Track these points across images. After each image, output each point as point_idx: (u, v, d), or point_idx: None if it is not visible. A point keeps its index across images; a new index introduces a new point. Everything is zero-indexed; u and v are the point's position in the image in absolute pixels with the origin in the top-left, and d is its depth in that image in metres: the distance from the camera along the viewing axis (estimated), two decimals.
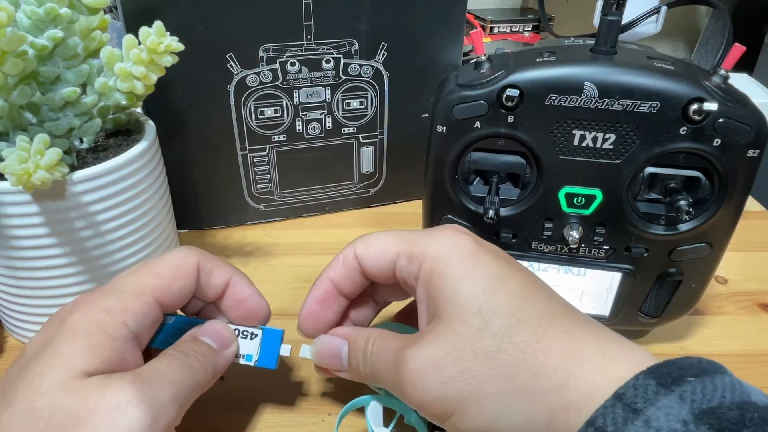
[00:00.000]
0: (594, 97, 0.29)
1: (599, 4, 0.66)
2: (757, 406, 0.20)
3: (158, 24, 0.32)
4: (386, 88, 0.48)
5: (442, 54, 0.49)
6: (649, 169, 0.31)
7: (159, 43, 0.32)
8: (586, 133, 0.30)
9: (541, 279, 0.27)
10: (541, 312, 0.24)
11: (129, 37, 0.33)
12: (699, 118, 0.28)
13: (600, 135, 0.30)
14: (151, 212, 0.37)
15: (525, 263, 0.35)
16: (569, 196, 0.32)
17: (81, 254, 0.34)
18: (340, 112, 0.48)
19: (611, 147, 0.30)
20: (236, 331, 0.30)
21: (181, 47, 0.33)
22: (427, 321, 0.26)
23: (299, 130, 0.48)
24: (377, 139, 0.51)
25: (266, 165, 0.49)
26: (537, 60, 0.30)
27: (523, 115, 0.30)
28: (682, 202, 0.30)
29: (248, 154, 0.48)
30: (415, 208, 0.34)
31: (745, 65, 0.62)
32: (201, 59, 0.43)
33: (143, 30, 0.32)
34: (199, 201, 0.49)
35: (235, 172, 0.48)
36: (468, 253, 0.26)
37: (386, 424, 0.30)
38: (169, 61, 0.33)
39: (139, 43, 0.33)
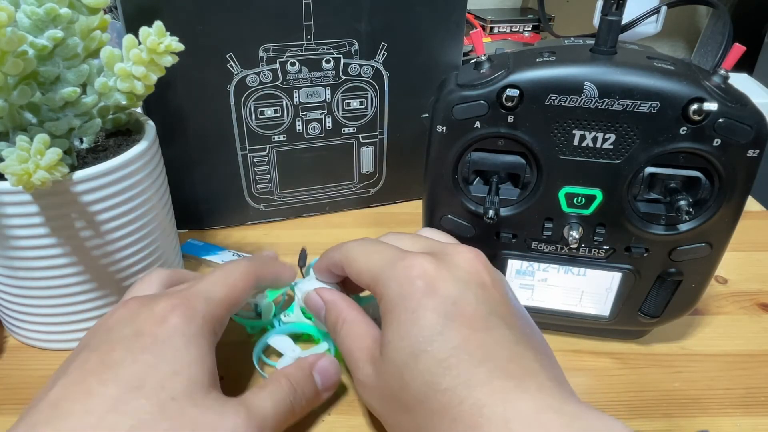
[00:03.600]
0: (594, 97, 0.29)
1: (599, 4, 0.66)
2: None
3: (158, 24, 0.32)
4: (386, 88, 0.48)
5: (442, 54, 0.49)
6: (649, 169, 0.31)
7: (159, 43, 0.32)
8: (586, 133, 0.30)
9: (492, 323, 0.26)
10: (465, 374, 0.24)
11: (129, 37, 0.33)
12: (699, 118, 0.28)
13: (600, 135, 0.30)
14: (151, 212, 0.37)
15: (525, 263, 0.35)
16: (569, 196, 0.32)
17: (81, 254, 0.34)
18: (340, 112, 0.48)
19: (611, 147, 0.30)
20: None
21: (181, 47, 0.33)
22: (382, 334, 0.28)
23: (299, 130, 0.48)
24: (377, 139, 0.51)
25: (266, 165, 0.49)
26: (537, 60, 0.30)
27: (523, 115, 0.30)
28: (682, 202, 0.30)
29: (248, 154, 0.48)
30: (415, 208, 0.34)
31: (745, 65, 0.62)
32: (201, 59, 0.43)
33: (143, 30, 0.32)
34: (199, 201, 0.49)
35: (235, 172, 0.48)
36: (411, 308, 0.26)
37: None
38: (169, 61, 0.33)
39: (139, 43, 0.33)
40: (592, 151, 0.31)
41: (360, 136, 0.50)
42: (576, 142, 0.30)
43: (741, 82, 0.49)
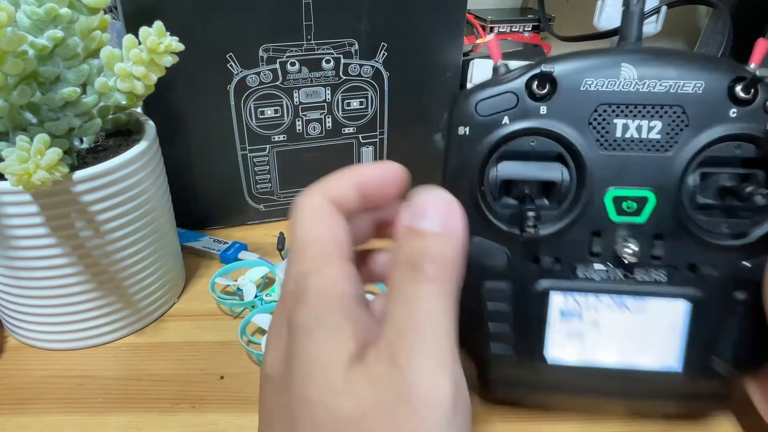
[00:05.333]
0: (633, 79, 0.26)
1: (599, 3, 0.66)
2: None
3: (158, 24, 0.32)
4: (386, 88, 0.48)
5: (442, 54, 0.49)
6: (704, 170, 0.27)
7: (159, 43, 0.32)
8: (629, 122, 0.26)
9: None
10: None
11: (129, 37, 0.33)
12: (747, 96, 0.26)
13: (644, 123, 0.26)
14: (151, 212, 0.37)
15: (571, 299, 0.29)
16: (617, 202, 0.27)
17: (81, 254, 0.34)
18: (340, 112, 0.48)
19: (658, 137, 0.26)
20: None
21: (181, 47, 0.33)
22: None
23: (299, 130, 0.48)
24: (377, 139, 0.51)
25: (266, 165, 0.49)
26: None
27: (557, 105, 0.27)
28: (752, 189, 0.25)
29: (248, 154, 0.48)
30: None
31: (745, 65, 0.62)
32: (201, 59, 0.43)
33: (143, 30, 0.32)
34: (199, 201, 0.49)
35: (235, 172, 0.48)
36: None
37: None
38: (169, 61, 0.33)
39: (139, 43, 0.33)
40: (638, 143, 0.27)
41: (360, 136, 0.50)
42: (618, 133, 0.27)
43: None
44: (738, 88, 0.26)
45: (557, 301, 0.29)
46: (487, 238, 0.28)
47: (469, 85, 0.47)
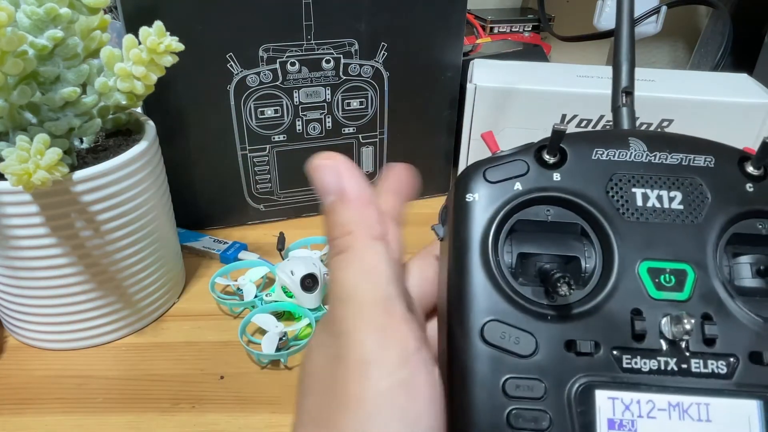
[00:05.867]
0: (644, 151, 0.25)
1: (599, 3, 0.66)
2: None
3: (158, 24, 0.32)
4: (386, 88, 0.48)
5: (442, 54, 0.49)
6: (735, 248, 0.25)
7: (159, 43, 0.32)
8: (648, 191, 0.25)
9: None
10: None
11: (129, 37, 0.33)
12: (759, 173, 0.25)
13: (664, 193, 0.25)
14: (151, 212, 0.37)
15: (618, 401, 0.23)
16: (654, 274, 0.24)
17: (81, 254, 0.34)
18: (340, 112, 0.48)
19: (681, 207, 0.25)
20: None
21: (181, 47, 0.33)
22: None
23: (299, 130, 0.48)
24: (377, 139, 0.51)
25: (266, 165, 0.49)
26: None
27: (571, 172, 0.25)
28: None
29: (248, 154, 0.48)
30: (415, 208, 0.33)
31: (745, 65, 0.62)
32: (201, 59, 0.43)
33: (143, 30, 0.32)
34: (199, 201, 0.49)
35: (235, 172, 0.48)
36: None
37: None
38: (169, 61, 0.33)
39: (139, 43, 0.33)
40: (662, 213, 0.25)
41: (360, 136, 0.50)
42: (639, 203, 0.24)
43: (741, 82, 0.49)
44: (747, 164, 0.25)
45: (604, 405, 0.22)
46: (506, 320, 0.23)
47: (468, 85, 0.47)
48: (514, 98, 0.47)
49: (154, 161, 0.37)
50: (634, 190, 0.25)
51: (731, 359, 0.23)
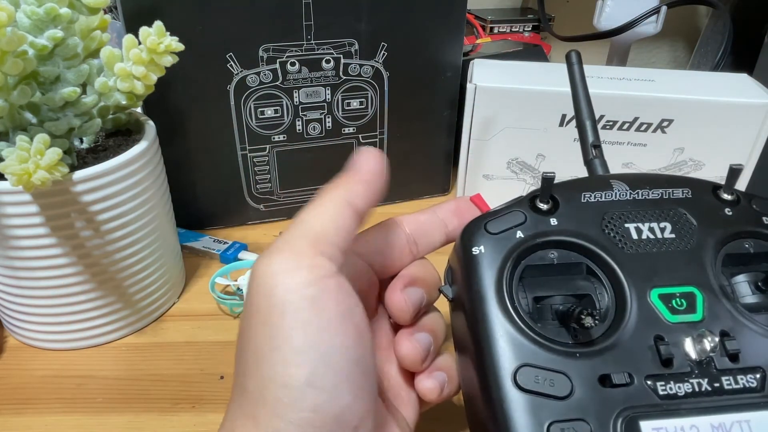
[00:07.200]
0: (627, 190, 0.27)
1: (599, 4, 0.66)
2: None
3: (158, 24, 0.32)
4: (386, 88, 0.48)
5: (442, 54, 0.49)
6: (731, 269, 0.26)
7: (159, 43, 0.32)
8: (640, 225, 0.26)
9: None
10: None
11: (129, 37, 0.33)
12: (732, 198, 0.27)
13: (655, 225, 0.26)
14: (151, 212, 0.37)
15: (662, 424, 0.22)
16: (665, 300, 0.25)
17: (81, 254, 0.34)
18: (340, 112, 0.48)
19: (673, 236, 0.26)
20: None
21: (181, 47, 0.33)
22: None
23: (299, 130, 0.48)
24: (377, 139, 0.51)
25: (266, 165, 0.49)
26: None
27: (565, 216, 0.26)
28: None
29: (248, 154, 0.48)
30: (415, 208, 0.33)
31: (745, 65, 0.62)
32: (201, 59, 0.43)
33: (143, 30, 0.32)
34: (199, 201, 0.49)
35: (235, 172, 0.48)
36: None
37: None
38: (169, 61, 0.33)
39: (139, 43, 0.33)
40: (657, 243, 0.26)
41: (360, 136, 0.50)
42: (635, 236, 0.26)
43: (741, 82, 0.49)
44: (720, 191, 0.27)
45: None
46: (537, 364, 0.23)
47: (468, 85, 0.47)
48: (514, 98, 0.47)
49: (154, 161, 0.37)
50: (627, 225, 0.26)
51: (758, 373, 0.24)
